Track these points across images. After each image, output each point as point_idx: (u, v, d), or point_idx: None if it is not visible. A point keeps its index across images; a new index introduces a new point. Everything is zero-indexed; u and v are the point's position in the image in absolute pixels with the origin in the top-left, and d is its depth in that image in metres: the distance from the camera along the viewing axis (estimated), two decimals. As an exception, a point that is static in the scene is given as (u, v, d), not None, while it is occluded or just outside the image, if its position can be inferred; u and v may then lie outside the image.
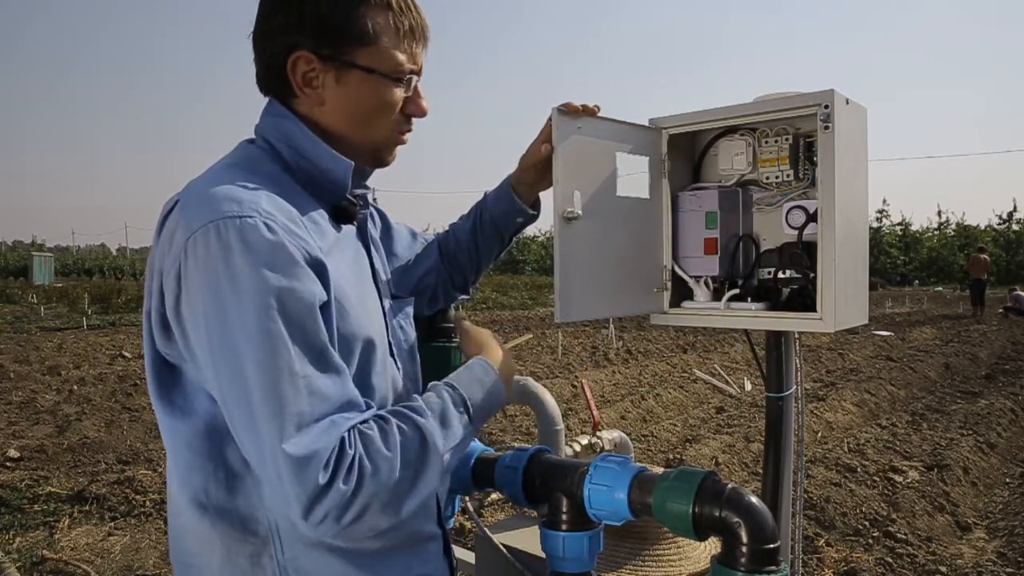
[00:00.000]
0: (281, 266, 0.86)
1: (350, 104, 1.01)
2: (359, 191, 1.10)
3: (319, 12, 0.97)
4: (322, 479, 0.83)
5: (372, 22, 0.98)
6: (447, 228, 1.42)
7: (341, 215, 1.05)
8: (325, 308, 0.91)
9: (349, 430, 0.87)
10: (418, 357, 1.19)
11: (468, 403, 1.01)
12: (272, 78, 1.02)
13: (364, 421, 0.89)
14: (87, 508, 4.46)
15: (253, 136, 1.05)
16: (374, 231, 1.24)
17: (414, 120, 1.09)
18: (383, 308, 1.08)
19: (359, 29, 0.98)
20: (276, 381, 0.84)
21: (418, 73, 1.05)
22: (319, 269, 0.91)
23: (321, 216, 1.01)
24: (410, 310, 1.18)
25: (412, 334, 1.17)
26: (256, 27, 1.02)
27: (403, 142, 1.08)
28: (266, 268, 0.85)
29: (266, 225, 0.87)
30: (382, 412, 0.93)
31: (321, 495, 0.83)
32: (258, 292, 0.84)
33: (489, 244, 1.38)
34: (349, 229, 1.08)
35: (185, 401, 0.95)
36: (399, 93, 1.02)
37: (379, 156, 1.08)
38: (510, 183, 1.34)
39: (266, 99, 1.05)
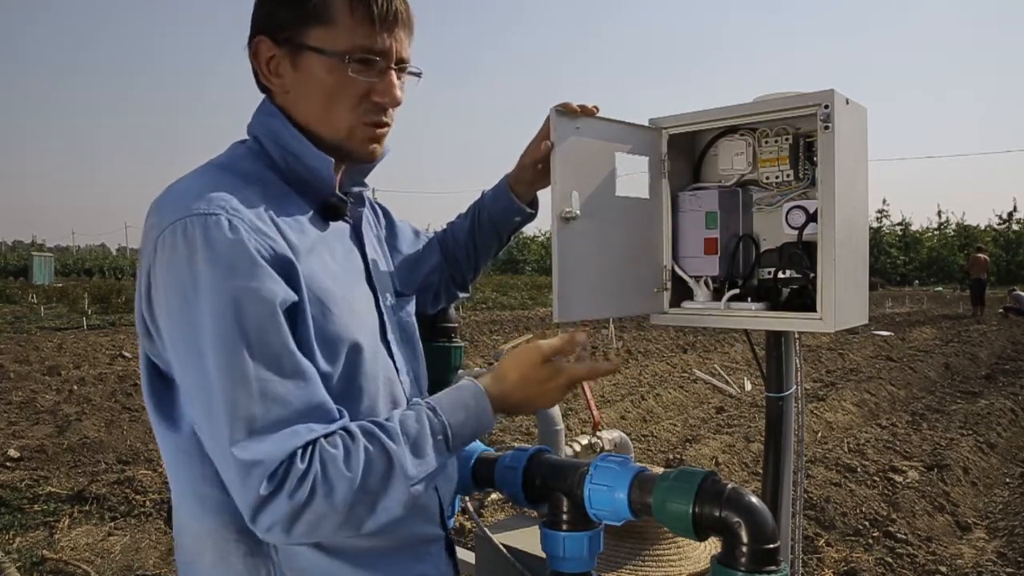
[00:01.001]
0: (241, 266, 0.85)
1: (308, 89, 0.97)
2: (356, 188, 1.09)
3: None
4: (264, 490, 0.81)
5: (329, 3, 0.94)
6: (444, 227, 1.42)
7: (329, 213, 1.03)
8: (294, 309, 0.89)
9: (309, 443, 0.84)
10: (422, 355, 1.18)
11: (448, 431, 0.94)
12: (254, 72, 1.01)
13: (329, 435, 0.86)
14: (87, 508, 4.46)
15: (246, 136, 1.04)
16: (376, 229, 1.23)
17: (392, 113, 1.02)
18: (381, 307, 1.07)
19: (312, 9, 0.94)
20: (231, 384, 0.83)
21: (385, 57, 0.98)
22: (286, 269, 0.89)
23: (304, 214, 0.99)
24: (412, 308, 1.17)
25: (415, 332, 1.17)
26: None
27: (375, 134, 1.01)
28: (226, 269, 0.84)
29: (229, 223, 0.86)
30: (351, 427, 0.89)
31: (264, 505, 0.82)
32: (216, 293, 0.83)
33: (487, 243, 1.38)
34: (340, 227, 1.06)
35: (172, 401, 0.94)
36: (359, 78, 0.96)
37: (347, 147, 1.01)
38: (508, 182, 1.33)
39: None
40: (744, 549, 0.95)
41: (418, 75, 1.05)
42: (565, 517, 1.14)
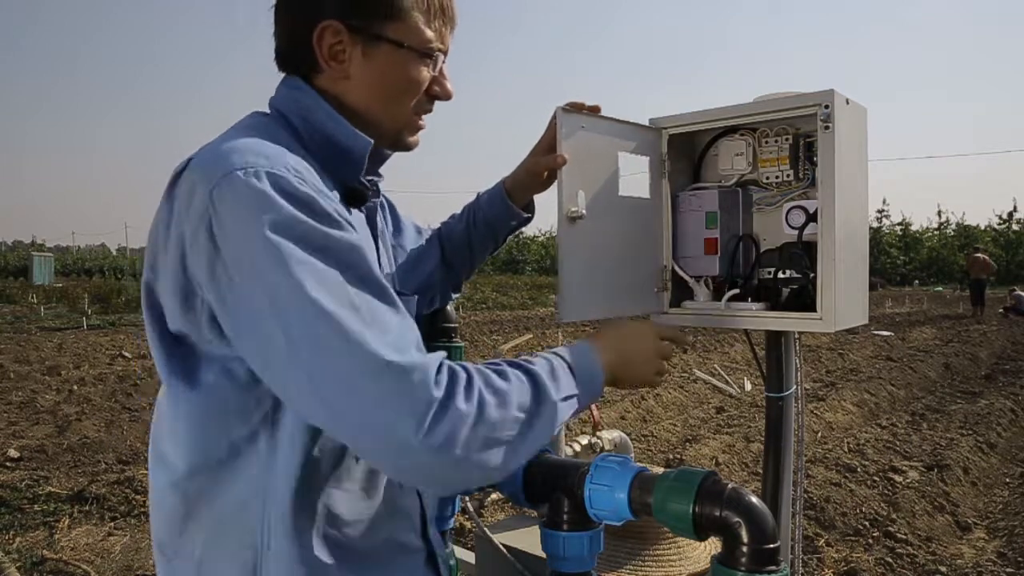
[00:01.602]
0: (322, 214, 0.81)
1: (376, 79, 0.98)
2: (372, 177, 1.08)
3: None
4: (436, 392, 0.75)
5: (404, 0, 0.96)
6: (439, 227, 1.42)
7: (352, 198, 1.02)
8: None
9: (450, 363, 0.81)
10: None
11: (573, 368, 0.94)
12: (295, 50, 0.98)
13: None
14: (87, 508, 4.46)
15: (266, 110, 1.01)
16: (384, 223, 1.22)
17: (436, 104, 1.06)
18: None
19: (390, 2, 0.96)
20: (352, 311, 0.77)
21: (445, 53, 1.03)
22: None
23: (335, 196, 0.96)
24: (412, 308, 1.17)
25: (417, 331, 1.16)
26: None
27: (423, 126, 1.06)
28: (307, 212, 0.80)
29: (298, 179, 0.82)
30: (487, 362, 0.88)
31: (440, 411, 0.75)
32: (308, 230, 0.78)
33: (483, 244, 1.38)
34: (359, 215, 1.05)
35: (190, 377, 0.88)
36: (425, 72, 1.00)
37: (400, 137, 1.04)
38: (504, 187, 1.34)
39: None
40: (744, 549, 0.95)
41: None
42: (565, 517, 1.14)
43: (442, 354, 0.82)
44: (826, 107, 1.24)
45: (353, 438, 0.78)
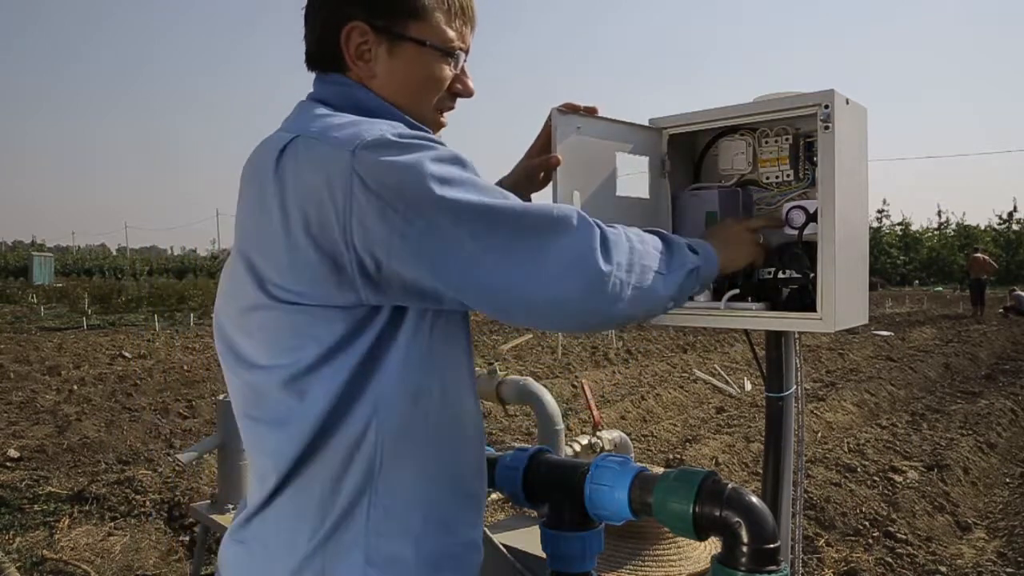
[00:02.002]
0: (444, 146, 0.91)
1: (400, 77, 1.02)
2: None
3: None
4: (596, 225, 0.94)
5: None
6: None
7: None
8: None
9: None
10: None
11: (690, 244, 1.09)
12: (324, 51, 1.03)
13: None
14: (87, 508, 4.46)
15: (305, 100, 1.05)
16: None
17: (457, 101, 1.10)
18: None
19: (413, 3, 1.01)
20: (510, 201, 0.91)
21: (466, 52, 1.07)
22: None
23: None
24: None
25: None
26: (309, 1, 1.04)
27: (444, 123, 1.10)
28: (439, 146, 0.90)
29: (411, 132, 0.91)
30: None
31: (603, 240, 0.93)
32: (460, 163, 0.90)
33: None
34: None
35: (301, 342, 0.91)
36: (447, 70, 1.04)
37: None
38: (501, 187, 1.34)
39: (313, 74, 1.06)
40: (744, 549, 0.96)
41: None
42: (565, 517, 1.14)
43: (573, 207, 0.96)
44: (826, 107, 1.24)
45: (554, 289, 0.90)
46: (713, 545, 1.40)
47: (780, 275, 1.40)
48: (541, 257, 0.89)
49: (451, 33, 1.03)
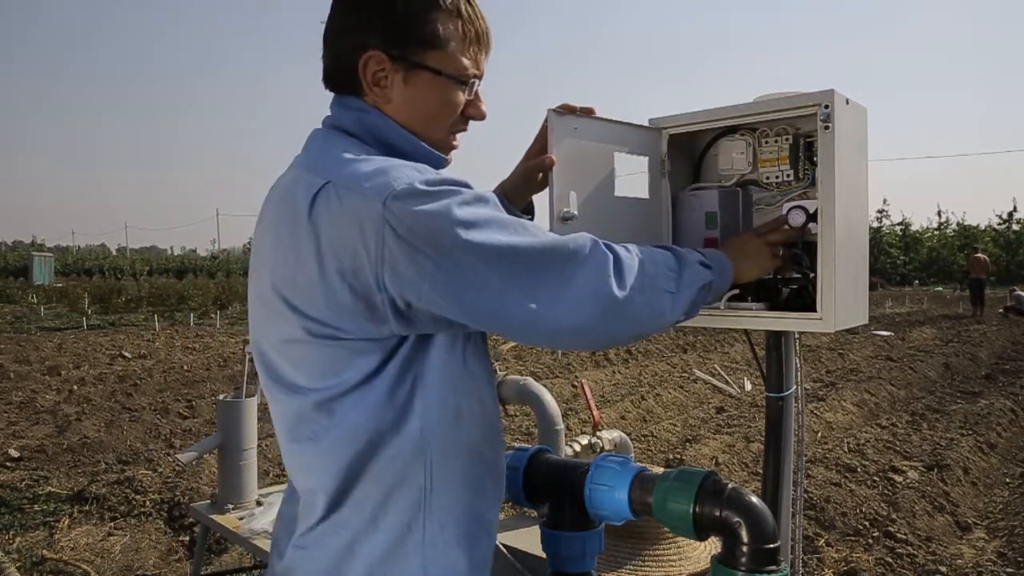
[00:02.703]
0: (466, 187, 0.95)
1: (415, 104, 1.05)
2: None
3: (393, 14, 1.02)
4: (609, 252, 0.99)
5: (443, 27, 1.03)
6: None
7: None
8: None
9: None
10: None
11: (704, 255, 1.13)
12: (341, 75, 1.06)
13: None
14: (87, 508, 4.46)
15: (321, 127, 1.08)
16: None
17: (470, 124, 1.13)
18: None
19: (429, 33, 1.03)
20: (532, 238, 0.95)
21: (480, 78, 1.09)
22: None
23: None
24: None
25: None
26: (328, 25, 1.06)
27: (455, 145, 1.12)
28: (462, 188, 0.94)
29: (435, 176, 0.95)
30: None
31: (617, 264, 0.98)
32: (483, 202, 0.94)
33: None
34: None
35: (340, 375, 0.96)
36: (461, 95, 1.07)
37: None
38: (502, 190, 1.35)
39: (332, 94, 1.09)
40: (744, 549, 0.96)
41: None
42: (565, 517, 1.14)
43: (587, 234, 1.01)
44: (826, 107, 1.24)
45: (573, 316, 0.96)
46: (713, 545, 1.40)
47: (780, 275, 1.40)
48: (560, 289, 0.95)
49: (466, 61, 1.06)
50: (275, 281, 0.99)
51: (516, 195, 1.34)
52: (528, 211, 1.37)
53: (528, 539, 1.48)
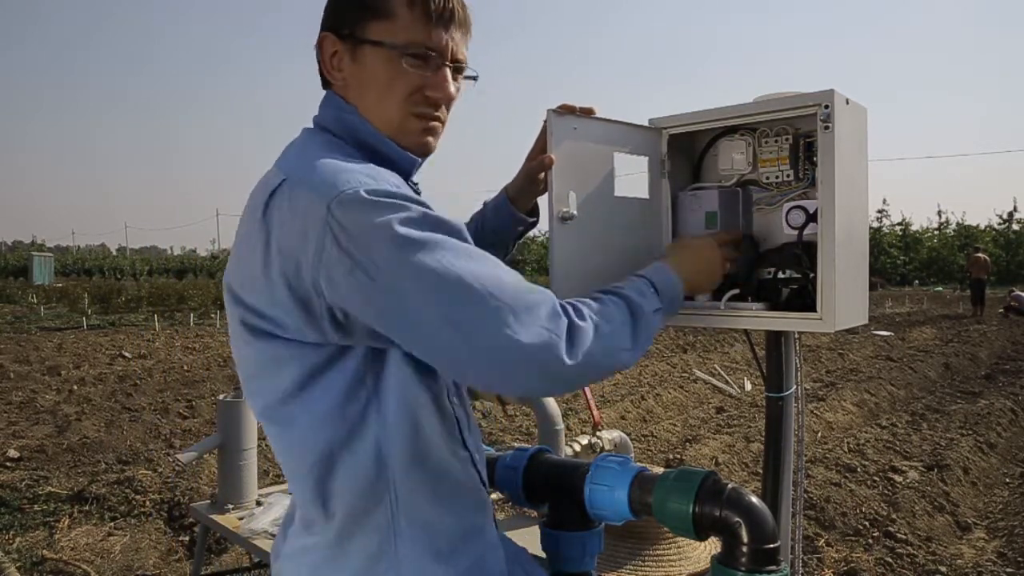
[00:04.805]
0: (426, 206, 0.90)
1: (363, 81, 1.01)
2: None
3: None
4: (565, 318, 0.91)
5: None
6: None
7: None
8: None
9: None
10: None
11: (654, 284, 1.08)
12: (319, 68, 1.05)
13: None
14: (87, 508, 4.46)
15: (311, 126, 1.06)
16: None
17: (445, 111, 1.06)
18: None
19: (372, 3, 0.99)
20: (490, 271, 0.89)
21: (440, 54, 1.01)
22: None
23: None
24: None
25: None
26: None
27: (427, 126, 1.04)
28: (416, 205, 0.89)
29: (394, 185, 0.91)
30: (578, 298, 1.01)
31: (571, 331, 0.91)
32: (427, 220, 0.88)
33: (492, 252, 1.39)
34: None
35: (310, 373, 0.94)
36: (413, 72, 1.00)
37: (398, 140, 1.04)
38: (507, 193, 1.35)
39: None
40: (744, 549, 0.96)
41: (474, 78, 1.09)
42: (565, 517, 1.14)
43: (549, 291, 0.95)
44: (826, 107, 1.24)
45: (510, 375, 0.89)
46: (713, 545, 1.40)
47: (780, 275, 1.40)
48: (503, 346, 0.87)
49: (418, 33, 0.99)
50: (230, 274, 0.99)
51: (520, 198, 1.34)
52: (533, 213, 1.37)
53: (528, 539, 1.47)
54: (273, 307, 0.92)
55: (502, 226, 1.36)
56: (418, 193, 1.12)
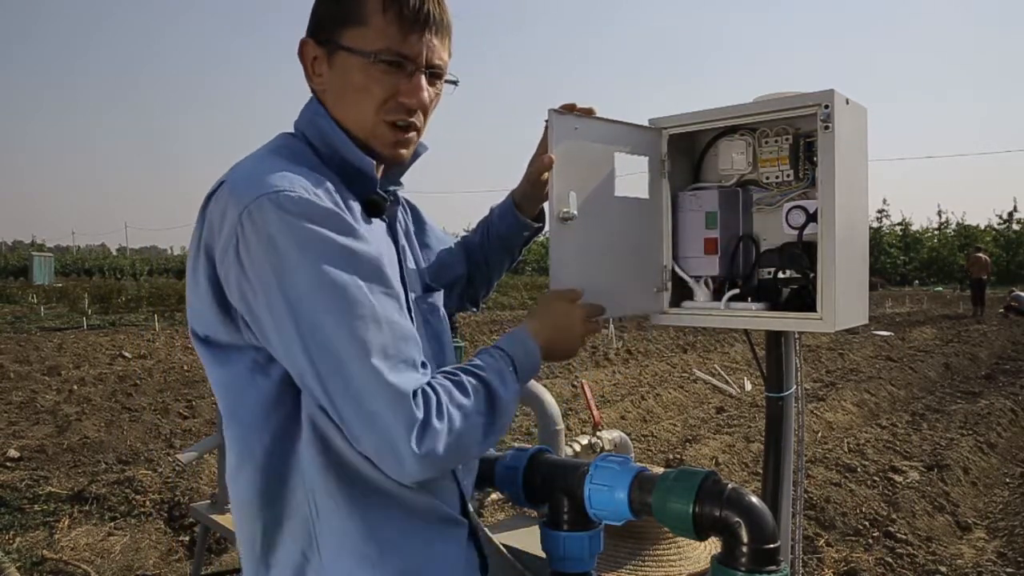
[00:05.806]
0: (343, 230, 0.90)
1: (338, 87, 1.02)
2: (392, 187, 1.12)
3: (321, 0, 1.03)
4: (419, 414, 0.87)
5: (362, 5, 0.98)
6: (460, 239, 1.43)
7: (371, 209, 1.07)
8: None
9: (428, 381, 0.92)
10: (451, 349, 1.19)
11: (515, 362, 1.04)
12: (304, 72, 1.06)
13: (435, 376, 0.95)
14: (87, 508, 4.46)
15: (292, 130, 1.07)
16: (407, 223, 1.25)
17: (422, 116, 1.04)
18: (408, 302, 1.07)
19: (344, 11, 1.00)
20: (364, 327, 0.87)
21: (414, 60, 1.00)
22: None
23: (356, 207, 1.02)
24: (439, 300, 1.19)
25: (443, 326, 1.18)
26: None
27: (400, 137, 1.03)
28: (329, 230, 0.88)
29: (318, 199, 0.90)
30: (448, 368, 0.99)
31: (424, 428, 0.87)
32: (328, 247, 0.87)
33: (499, 258, 1.40)
34: (379, 223, 1.09)
35: (235, 378, 0.96)
36: (385, 77, 0.99)
37: (372, 146, 1.03)
38: (513, 199, 1.35)
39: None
40: (744, 549, 0.96)
41: (455, 83, 1.08)
42: (565, 517, 1.14)
43: (421, 378, 0.91)
44: (826, 107, 1.24)
45: (356, 439, 0.89)
46: (713, 545, 1.40)
47: (780, 275, 1.41)
48: (359, 420, 0.87)
49: (391, 41, 0.98)
50: (188, 309, 1.01)
51: (526, 203, 1.34)
52: (539, 219, 1.37)
53: (528, 539, 1.47)
54: (203, 308, 0.94)
55: (508, 232, 1.36)
56: (394, 200, 1.13)
